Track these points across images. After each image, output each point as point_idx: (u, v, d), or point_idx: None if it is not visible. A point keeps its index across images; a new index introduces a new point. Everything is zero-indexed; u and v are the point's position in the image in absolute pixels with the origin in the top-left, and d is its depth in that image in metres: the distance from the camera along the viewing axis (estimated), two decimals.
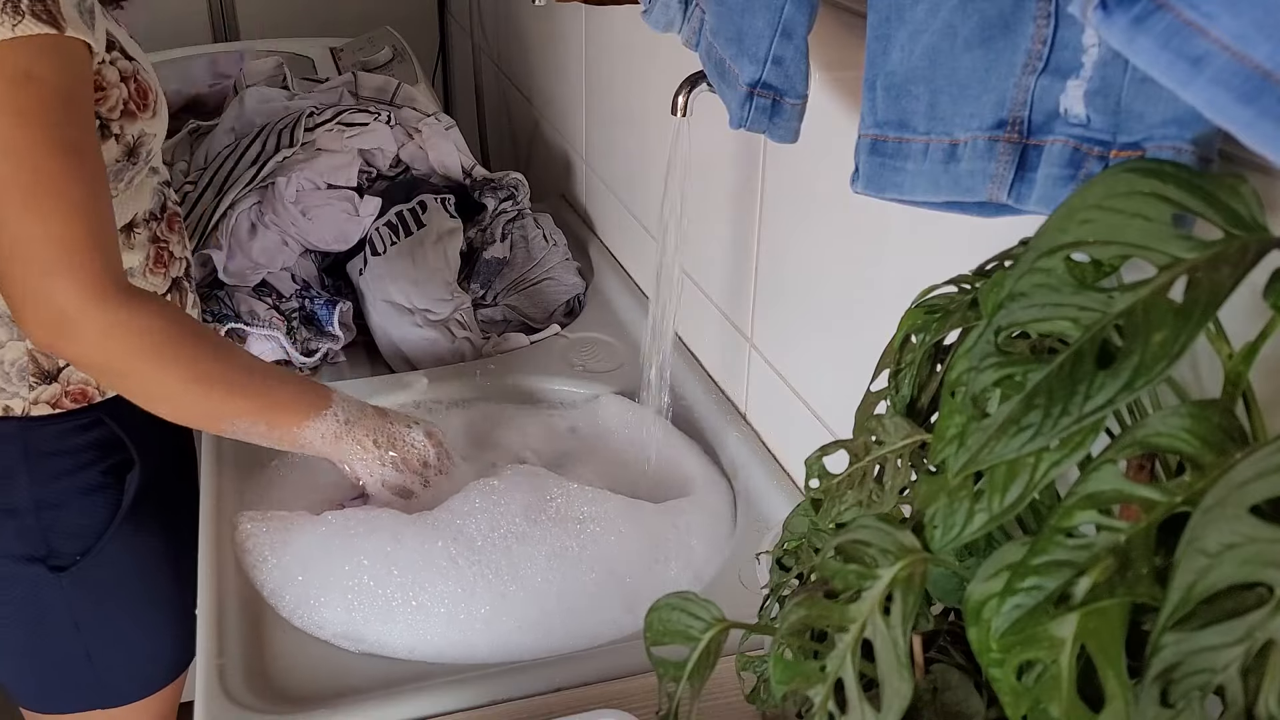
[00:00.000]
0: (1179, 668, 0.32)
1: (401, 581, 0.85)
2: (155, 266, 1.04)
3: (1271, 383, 0.45)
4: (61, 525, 1.04)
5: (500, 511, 0.89)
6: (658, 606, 0.52)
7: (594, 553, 0.88)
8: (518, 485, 0.92)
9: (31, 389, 0.99)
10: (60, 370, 0.99)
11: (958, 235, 0.65)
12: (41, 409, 1.00)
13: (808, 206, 0.90)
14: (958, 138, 0.50)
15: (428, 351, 1.23)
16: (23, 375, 0.98)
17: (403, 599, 0.84)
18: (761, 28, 0.63)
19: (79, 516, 1.05)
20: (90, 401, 1.02)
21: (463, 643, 0.82)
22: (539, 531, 0.88)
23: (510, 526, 0.88)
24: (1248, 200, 0.37)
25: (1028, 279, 0.39)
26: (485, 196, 1.38)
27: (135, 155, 0.97)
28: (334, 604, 0.84)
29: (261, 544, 0.90)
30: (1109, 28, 0.36)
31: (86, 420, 1.02)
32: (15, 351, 0.97)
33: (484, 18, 2.10)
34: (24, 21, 0.78)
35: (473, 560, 0.86)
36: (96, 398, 1.02)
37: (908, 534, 0.43)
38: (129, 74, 0.94)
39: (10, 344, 0.97)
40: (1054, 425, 0.36)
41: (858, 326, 0.84)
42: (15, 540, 1.03)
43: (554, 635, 0.83)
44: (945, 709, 0.46)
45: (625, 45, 1.31)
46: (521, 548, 0.87)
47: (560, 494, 0.92)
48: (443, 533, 0.87)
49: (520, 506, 0.90)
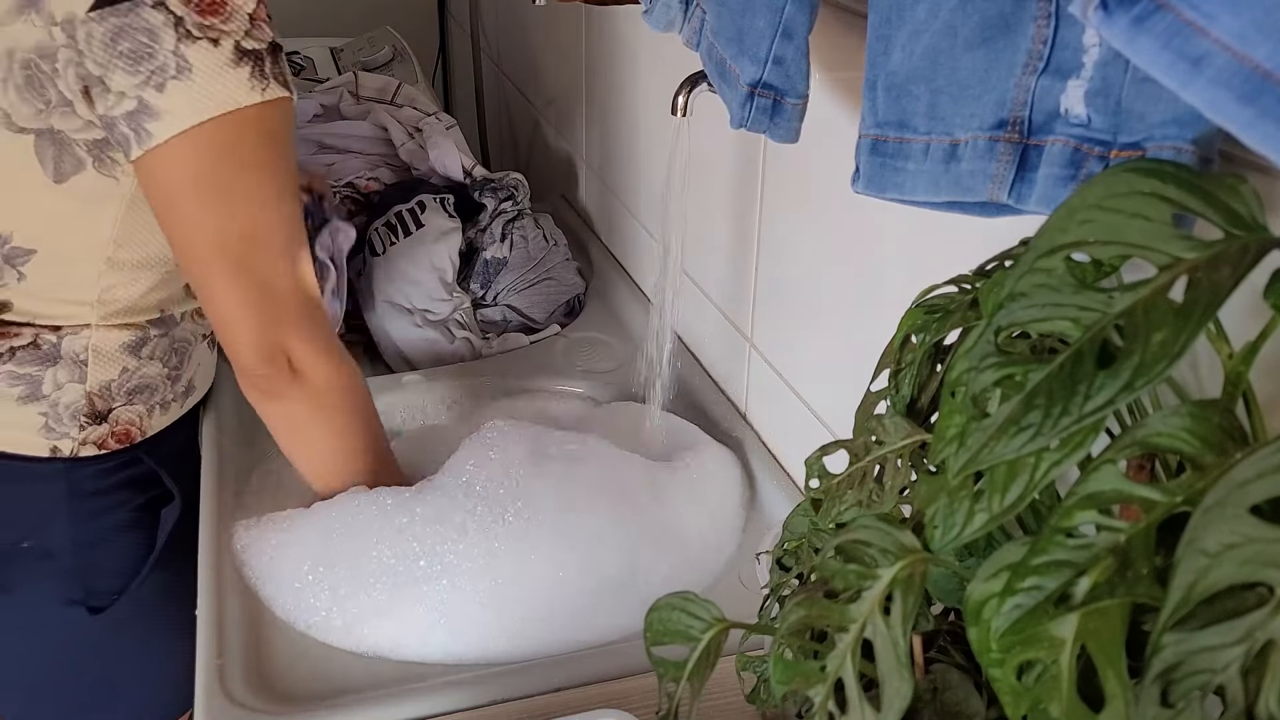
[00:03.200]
0: (1179, 668, 0.32)
1: (402, 582, 0.84)
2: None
3: (1271, 383, 0.45)
4: (98, 565, 1.03)
5: (497, 505, 0.89)
6: (658, 606, 0.52)
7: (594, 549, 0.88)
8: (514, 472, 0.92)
9: (82, 429, 0.98)
10: (111, 411, 1.00)
11: (958, 235, 0.65)
12: (88, 449, 0.99)
13: (808, 206, 0.90)
14: (958, 138, 0.50)
15: (427, 351, 1.23)
16: (75, 417, 0.98)
17: (402, 599, 0.84)
18: (762, 28, 0.63)
19: (115, 556, 1.04)
20: (132, 441, 1.02)
21: (463, 642, 0.82)
22: (538, 529, 0.88)
23: (509, 521, 0.88)
24: (1248, 200, 0.37)
25: (1028, 279, 0.39)
26: (485, 196, 1.38)
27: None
28: (333, 603, 0.84)
29: (258, 546, 0.90)
30: (1109, 28, 0.36)
31: (125, 458, 1.02)
32: (73, 394, 0.97)
33: (484, 18, 2.10)
34: (270, 86, 0.84)
35: (471, 560, 0.86)
36: (138, 437, 1.02)
37: (908, 534, 0.43)
38: None
39: (70, 385, 0.97)
40: (1054, 425, 0.36)
41: (858, 326, 0.84)
42: (52, 582, 1.02)
43: (554, 634, 0.83)
44: (945, 709, 0.46)
45: (625, 45, 1.31)
46: (521, 544, 0.87)
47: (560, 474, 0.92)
48: (441, 530, 0.87)
49: (519, 497, 0.89)
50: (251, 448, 1.06)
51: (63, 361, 0.97)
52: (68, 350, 0.96)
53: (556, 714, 0.70)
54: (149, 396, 1.02)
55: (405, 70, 1.85)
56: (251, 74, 0.83)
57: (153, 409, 1.03)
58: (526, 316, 1.33)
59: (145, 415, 1.02)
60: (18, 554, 1.01)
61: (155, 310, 1.00)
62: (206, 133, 0.81)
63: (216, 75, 0.81)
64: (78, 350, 0.97)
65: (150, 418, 1.03)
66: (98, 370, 0.98)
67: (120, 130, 0.82)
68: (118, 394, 0.99)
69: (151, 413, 1.03)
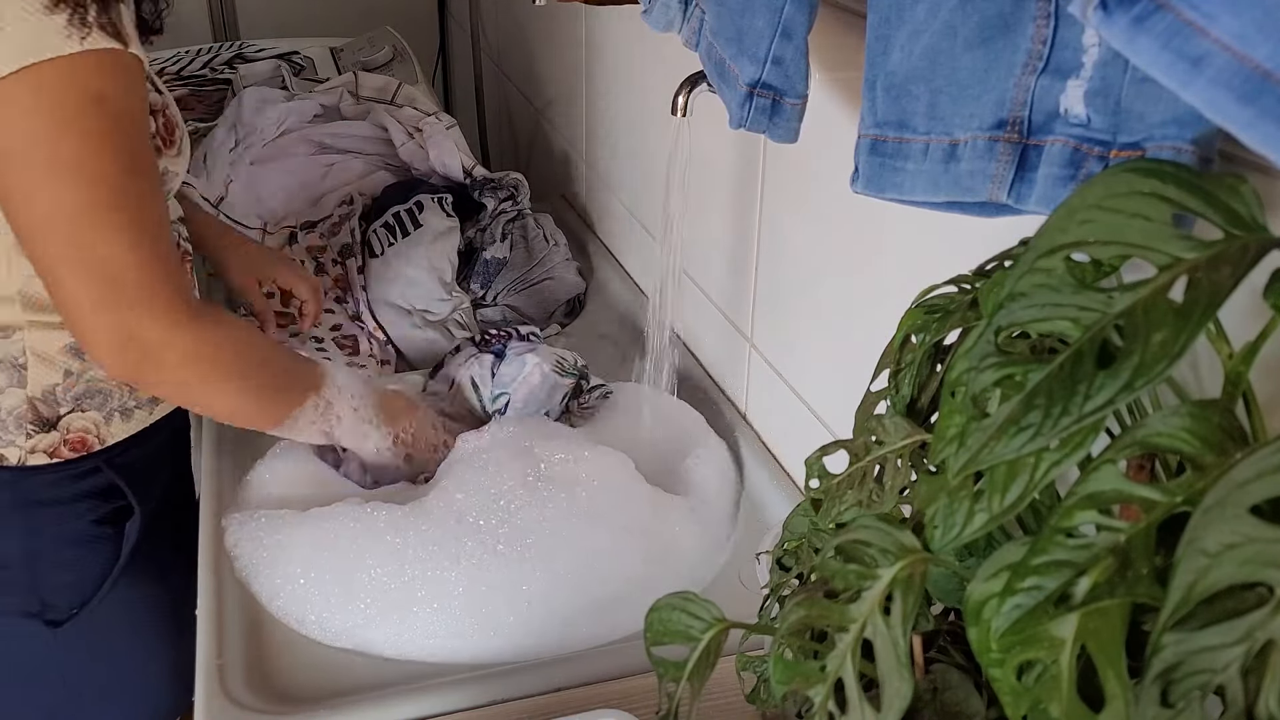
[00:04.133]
0: (1179, 668, 0.32)
1: (401, 580, 0.84)
2: None
3: (1271, 383, 0.45)
4: (55, 578, 1.00)
5: (498, 500, 0.89)
6: (658, 607, 0.52)
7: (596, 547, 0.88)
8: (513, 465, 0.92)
9: (29, 437, 0.94)
10: (60, 418, 0.96)
11: (958, 235, 0.65)
12: (38, 458, 0.95)
13: (808, 207, 0.90)
14: (958, 138, 0.50)
15: (427, 351, 1.23)
16: (20, 424, 0.94)
17: (401, 598, 0.84)
18: (761, 28, 0.63)
19: (73, 568, 1.00)
20: (89, 450, 0.98)
21: (462, 641, 0.82)
22: (539, 526, 0.88)
23: (508, 516, 0.88)
24: (1248, 200, 0.37)
25: (1028, 279, 0.39)
26: (485, 196, 1.38)
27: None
28: (331, 603, 0.84)
29: (254, 545, 0.90)
30: (1109, 28, 0.36)
31: (84, 468, 0.98)
32: (14, 399, 0.93)
33: (484, 18, 2.10)
34: (91, 35, 0.76)
35: (471, 555, 0.86)
36: (96, 446, 0.98)
37: (908, 534, 0.43)
38: (159, 107, 0.92)
39: (10, 390, 0.93)
40: (1054, 425, 0.36)
41: (858, 326, 0.84)
42: (5, 594, 0.99)
43: (555, 633, 0.83)
44: (945, 709, 0.46)
45: (625, 45, 1.31)
46: (520, 541, 0.87)
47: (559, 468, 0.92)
48: (437, 526, 0.87)
49: (519, 491, 0.89)
50: (251, 445, 1.06)
51: (1, 365, 0.93)
52: (4, 354, 0.92)
53: (556, 714, 0.70)
54: (103, 402, 0.97)
55: (405, 70, 1.85)
56: (70, 21, 0.75)
57: (110, 416, 0.98)
58: (526, 316, 1.33)
59: (102, 423, 0.98)
60: None
61: None
62: (19, 85, 0.74)
63: (23, 20, 0.74)
64: (15, 354, 0.93)
65: (108, 425, 0.98)
66: (39, 374, 0.94)
67: None
68: (63, 399, 0.95)
69: (110, 420, 0.98)
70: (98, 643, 1.04)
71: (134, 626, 1.06)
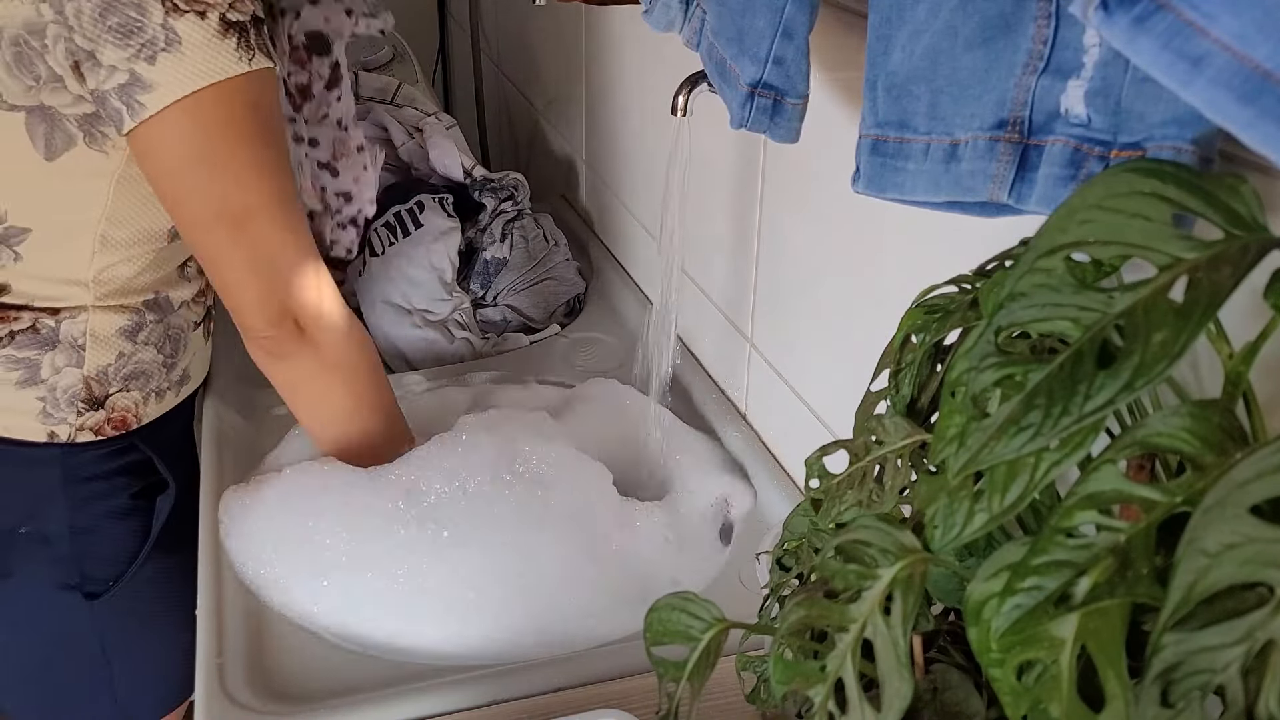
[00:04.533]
0: (1179, 668, 0.32)
1: (401, 579, 0.85)
2: (198, 298, 1.08)
3: (1271, 383, 0.45)
4: (95, 551, 1.04)
5: (496, 500, 0.89)
6: (658, 607, 0.52)
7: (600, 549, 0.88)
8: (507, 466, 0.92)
9: (79, 415, 0.99)
10: (108, 397, 1.01)
11: (958, 235, 0.65)
12: (85, 435, 1.00)
13: (808, 207, 0.90)
14: (958, 138, 0.50)
15: (427, 352, 1.23)
16: (73, 402, 0.99)
17: (401, 596, 0.84)
18: (762, 27, 0.63)
19: (111, 542, 1.05)
20: (128, 428, 1.03)
21: (463, 642, 0.82)
22: (539, 524, 0.88)
23: (507, 516, 0.88)
24: (1248, 200, 0.37)
25: (1028, 279, 0.39)
26: (485, 196, 1.38)
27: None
28: (331, 602, 0.84)
29: (252, 544, 0.90)
30: (1110, 28, 0.36)
31: (121, 445, 1.03)
32: (71, 378, 0.98)
33: (484, 18, 2.10)
34: (256, 56, 0.85)
35: (469, 557, 0.86)
36: (134, 424, 1.03)
37: (908, 534, 0.43)
38: None
39: (67, 370, 0.98)
40: (1054, 425, 0.36)
41: (858, 326, 0.84)
42: (50, 568, 1.03)
43: (555, 633, 0.83)
44: (945, 709, 0.46)
45: (625, 45, 1.31)
46: (521, 540, 0.87)
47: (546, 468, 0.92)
48: (436, 525, 0.87)
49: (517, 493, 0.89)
50: (251, 443, 1.06)
51: (61, 345, 0.98)
52: (66, 334, 0.97)
53: (556, 714, 0.70)
54: (145, 383, 1.03)
55: (405, 70, 1.85)
56: (238, 45, 0.84)
57: (149, 396, 1.04)
58: (526, 316, 1.33)
59: (141, 402, 1.03)
60: (15, 539, 1.02)
61: (150, 291, 1.01)
62: (198, 103, 0.83)
63: (205, 47, 0.82)
64: (76, 334, 0.98)
65: (146, 405, 1.04)
66: (95, 355, 0.99)
67: (112, 104, 0.83)
68: (114, 379, 1.00)
69: (147, 400, 1.04)
70: (135, 615, 1.08)
71: (165, 599, 1.09)
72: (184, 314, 1.06)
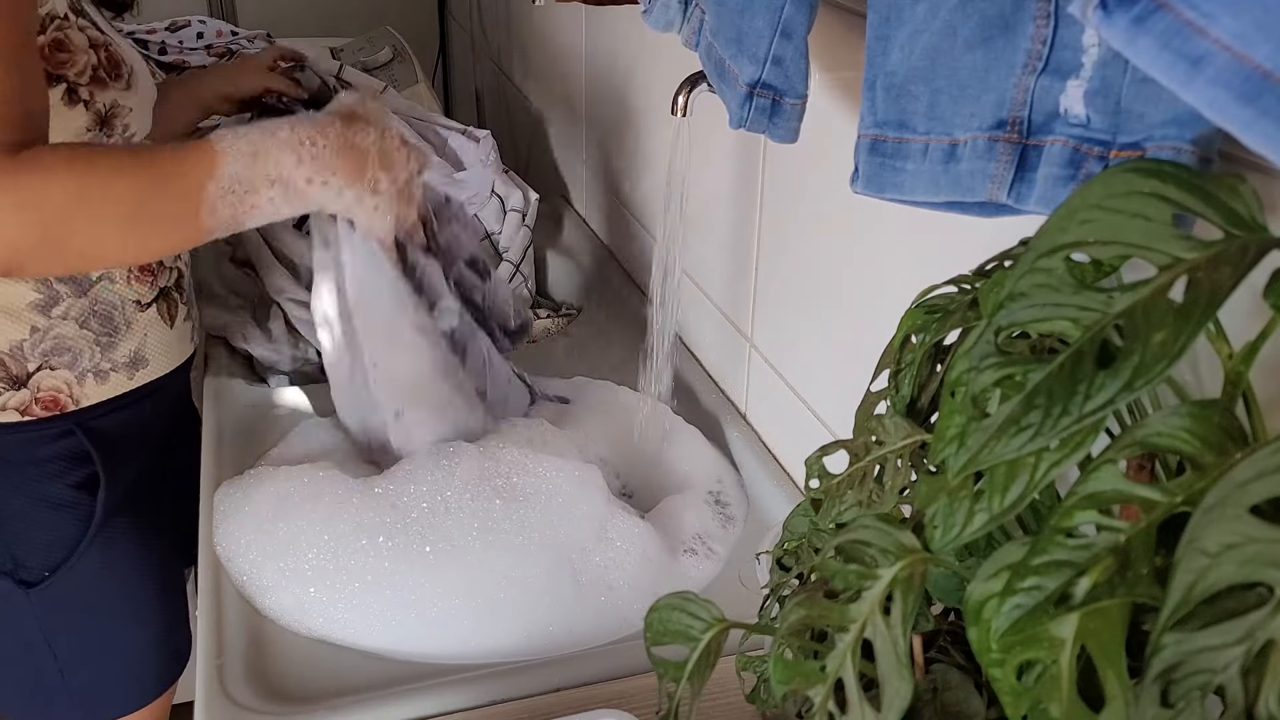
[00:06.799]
0: (1179, 668, 0.32)
1: (401, 578, 0.84)
2: (140, 274, 1.01)
3: (1271, 383, 0.45)
4: (27, 539, 1.01)
5: (492, 505, 0.89)
6: (658, 606, 0.52)
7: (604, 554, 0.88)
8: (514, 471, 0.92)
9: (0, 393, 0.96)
10: (30, 375, 0.97)
11: (958, 235, 0.65)
12: (9, 415, 0.97)
13: (807, 206, 0.90)
14: (957, 138, 0.50)
15: None
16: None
17: (401, 597, 0.84)
18: (761, 28, 0.63)
19: (46, 531, 1.02)
20: (63, 410, 0.99)
21: (463, 641, 0.82)
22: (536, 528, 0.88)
23: (505, 518, 0.88)
24: (1248, 200, 0.37)
25: (1028, 279, 0.39)
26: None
27: (109, 126, 0.94)
28: (330, 601, 0.84)
29: (251, 543, 0.90)
30: (1109, 28, 0.36)
31: (56, 430, 0.99)
32: None
33: (484, 18, 2.10)
34: None
35: (470, 555, 0.86)
36: (69, 406, 0.99)
37: (908, 534, 0.43)
38: (99, 43, 0.93)
39: None
40: (1054, 425, 0.36)
41: (858, 326, 0.84)
42: None
43: (557, 632, 0.83)
44: (945, 709, 0.46)
45: (625, 45, 1.31)
46: (519, 541, 0.87)
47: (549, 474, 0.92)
48: (435, 524, 0.87)
49: (515, 496, 0.89)
50: (252, 441, 1.06)
51: None
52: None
53: (556, 714, 0.70)
54: (73, 361, 0.98)
55: (405, 70, 1.85)
56: None
57: (82, 377, 0.99)
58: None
59: (74, 383, 0.99)
60: None
61: None
62: None
63: None
64: None
65: (81, 386, 0.99)
66: (4, 329, 0.95)
67: None
68: (31, 355, 0.96)
69: (82, 381, 0.99)
70: (77, 606, 1.05)
71: (115, 591, 1.07)
72: (115, 290, 0.99)
